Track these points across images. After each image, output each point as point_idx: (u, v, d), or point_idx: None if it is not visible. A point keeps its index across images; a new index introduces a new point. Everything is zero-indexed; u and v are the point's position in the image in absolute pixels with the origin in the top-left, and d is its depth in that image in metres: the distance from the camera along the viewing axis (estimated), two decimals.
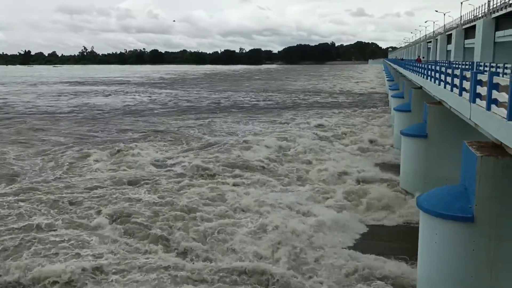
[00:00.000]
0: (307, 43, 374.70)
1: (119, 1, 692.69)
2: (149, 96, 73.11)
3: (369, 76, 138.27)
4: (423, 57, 69.24)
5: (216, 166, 23.93)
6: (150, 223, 15.95)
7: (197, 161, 24.71)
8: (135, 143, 30.60)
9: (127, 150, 27.93)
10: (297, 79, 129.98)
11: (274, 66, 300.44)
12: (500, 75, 17.34)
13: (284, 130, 37.19)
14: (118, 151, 27.84)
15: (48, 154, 27.78)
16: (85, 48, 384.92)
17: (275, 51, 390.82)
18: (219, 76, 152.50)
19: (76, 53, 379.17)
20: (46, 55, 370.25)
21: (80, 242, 14.23)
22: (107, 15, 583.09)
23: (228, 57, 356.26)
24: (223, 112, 50.97)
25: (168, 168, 24.21)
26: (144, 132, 36.47)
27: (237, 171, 23.41)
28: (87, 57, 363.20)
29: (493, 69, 25.24)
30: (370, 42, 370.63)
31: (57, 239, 14.43)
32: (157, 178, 22.09)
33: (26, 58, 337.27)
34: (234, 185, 21.04)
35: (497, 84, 9.79)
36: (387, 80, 71.78)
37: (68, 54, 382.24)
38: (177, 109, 55.00)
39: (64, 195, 19.20)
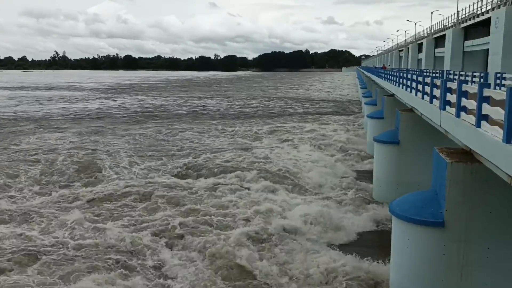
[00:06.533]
0: (280, 50, 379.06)
1: (87, 6, 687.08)
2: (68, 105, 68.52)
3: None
4: (389, 65, 72.53)
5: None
6: None
7: None
8: None
9: None
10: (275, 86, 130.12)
11: (248, 72, 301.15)
12: (469, 83, 17.87)
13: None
14: None
15: None
16: (56, 53, 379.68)
17: (249, 57, 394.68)
18: (177, 83, 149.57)
19: (48, 58, 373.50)
20: (16, 59, 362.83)
21: None
22: (75, 19, 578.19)
23: (203, 63, 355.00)
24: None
25: None
26: None
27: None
28: (59, 62, 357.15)
29: (462, 78, 25.90)
30: (343, 50, 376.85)
31: None
32: None
33: None
34: None
35: (466, 92, 10.03)
36: (361, 88, 72.73)
37: (39, 59, 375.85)
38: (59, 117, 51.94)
39: None
